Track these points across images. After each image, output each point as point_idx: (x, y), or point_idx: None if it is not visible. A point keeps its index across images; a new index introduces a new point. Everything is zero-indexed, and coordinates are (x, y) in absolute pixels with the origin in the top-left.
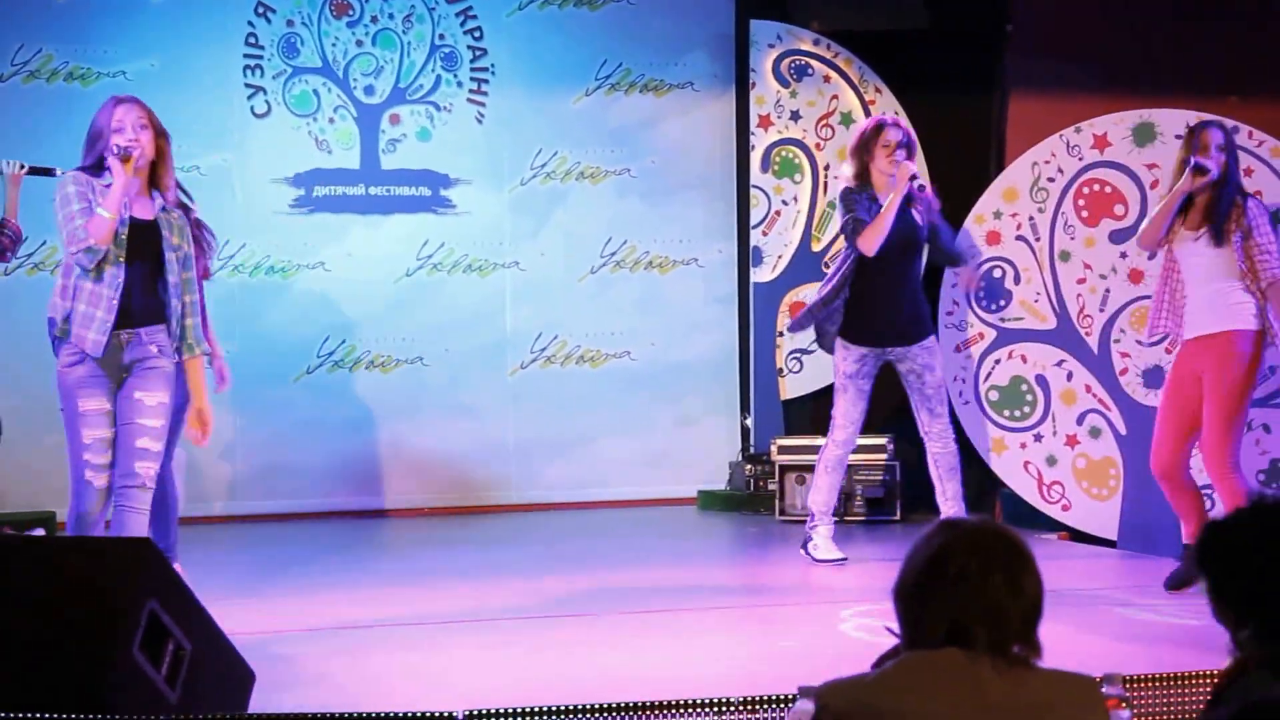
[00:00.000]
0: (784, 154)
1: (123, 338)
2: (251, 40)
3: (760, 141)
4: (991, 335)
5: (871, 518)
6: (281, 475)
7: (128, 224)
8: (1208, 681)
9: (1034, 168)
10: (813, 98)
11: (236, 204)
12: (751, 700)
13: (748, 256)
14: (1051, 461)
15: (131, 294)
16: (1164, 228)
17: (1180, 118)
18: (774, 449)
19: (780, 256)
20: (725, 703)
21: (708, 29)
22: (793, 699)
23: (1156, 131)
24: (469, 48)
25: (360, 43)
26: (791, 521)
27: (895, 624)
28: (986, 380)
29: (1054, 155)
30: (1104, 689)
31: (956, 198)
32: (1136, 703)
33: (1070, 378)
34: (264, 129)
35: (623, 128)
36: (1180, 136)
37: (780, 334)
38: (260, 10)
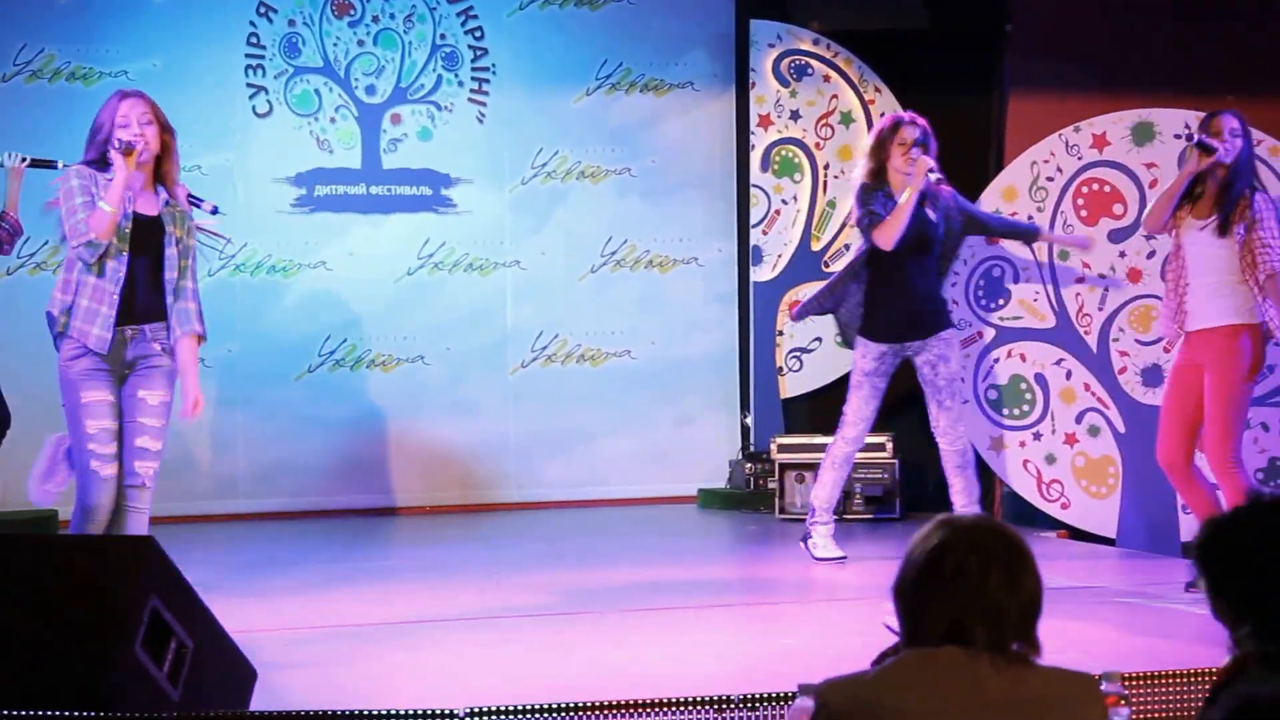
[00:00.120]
0: (784, 153)
1: (126, 334)
2: (253, 40)
3: (760, 141)
4: (990, 334)
5: (871, 515)
6: (283, 473)
7: (131, 218)
8: (1206, 679)
9: (1033, 167)
10: (812, 97)
11: (238, 203)
12: (751, 698)
13: (748, 255)
14: (1050, 460)
15: (135, 289)
16: (1169, 209)
17: (1179, 117)
18: (774, 447)
19: (780, 256)
20: (725, 700)
21: (708, 29)
22: (793, 696)
23: (1155, 131)
24: (470, 47)
25: (361, 42)
26: (791, 520)
27: (895, 621)
28: (985, 379)
29: (1053, 155)
30: (1103, 686)
31: None
32: (1135, 700)
33: (1069, 376)
34: (266, 128)
35: (623, 127)
36: (1179, 136)
37: (780, 332)
38: (262, 10)
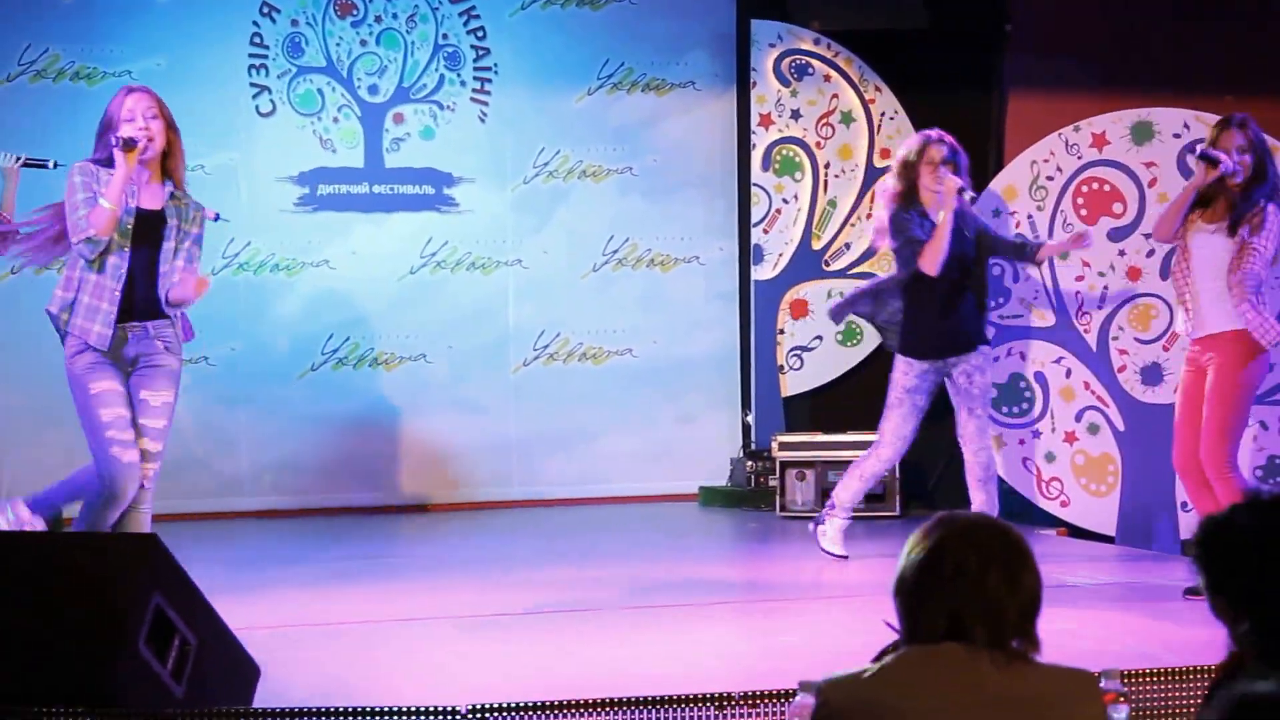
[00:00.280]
0: (785, 152)
1: (128, 331)
2: (256, 40)
3: (761, 140)
4: (990, 333)
5: (871, 513)
6: (285, 471)
7: (133, 214)
8: (1205, 676)
9: (1033, 166)
10: (813, 97)
11: (241, 202)
12: (752, 695)
13: (749, 254)
14: (1050, 458)
15: (135, 284)
16: (1178, 220)
17: (1179, 117)
18: (775, 445)
19: (781, 254)
20: (726, 697)
21: (709, 28)
22: (793, 694)
23: (1155, 130)
24: (472, 47)
25: (364, 42)
26: (792, 518)
27: (894, 619)
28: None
29: (1053, 154)
30: (1102, 684)
31: None
32: (1134, 697)
33: (1069, 375)
34: (269, 128)
35: (624, 126)
36: (1178, 135)
37: (781, 331)
38: (265, 10)
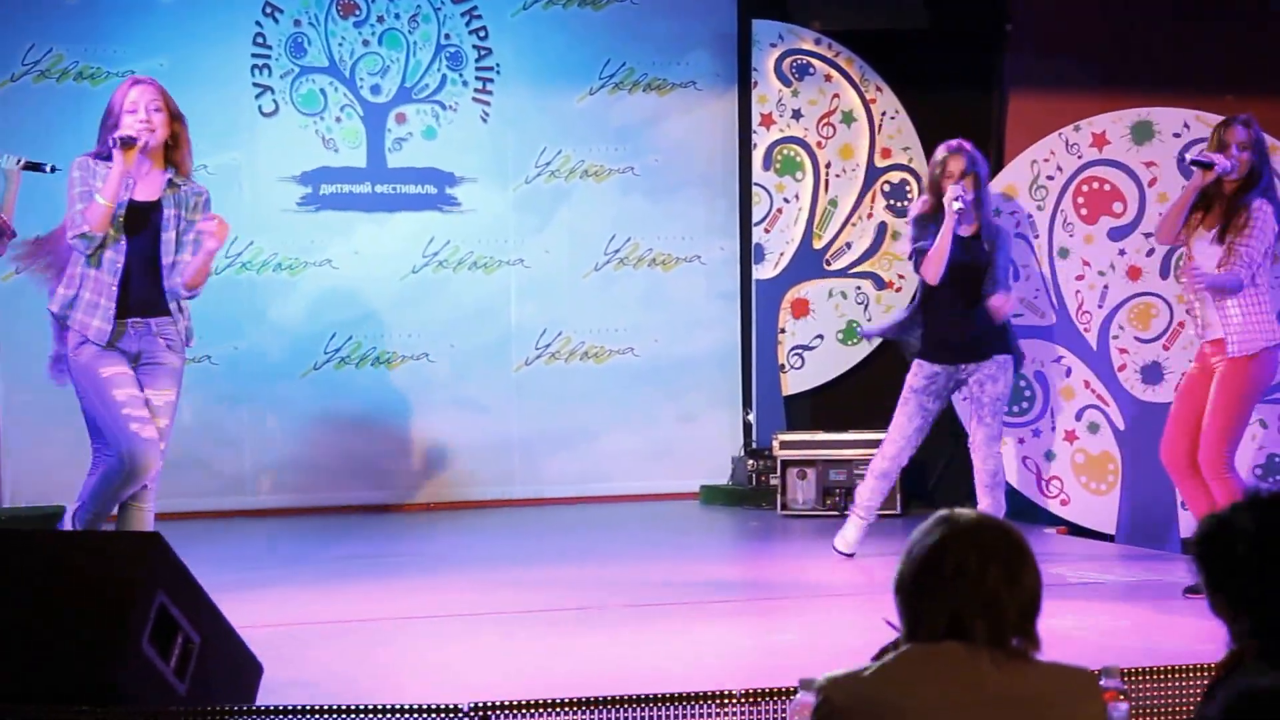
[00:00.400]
0: (786, 152)
1: (129, 326)
2: (259, 40)
3: (762, 140)
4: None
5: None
6: (288, 470)
7: (125, 207)
8: (1205, 674)
9: (1033, 166)
10: (814, 96)
11: (244, 202)
12: (753, 693)
13: (750, 253)
14: (1050, 456)
15: (133, 279)
16: (1179, 223)
17: (1179, 116)
18: (776, 444)
19: (782, 254)
20: (727, 695)
21: (710, 28)
22: (794, 691)
23: (1155, 130)
24: (474, 47)
25: (366, 42)
26: (793, 516)
27: (895, 617)
28: None
29: (1053, 154)
30: (1102, 681)
31: None
32: (1134, 695)
33: (1069, 374)
34: (271, 128)
35: (626, 126)
36: (1178, 135)
37: (782, 330)
38: (268, 10)
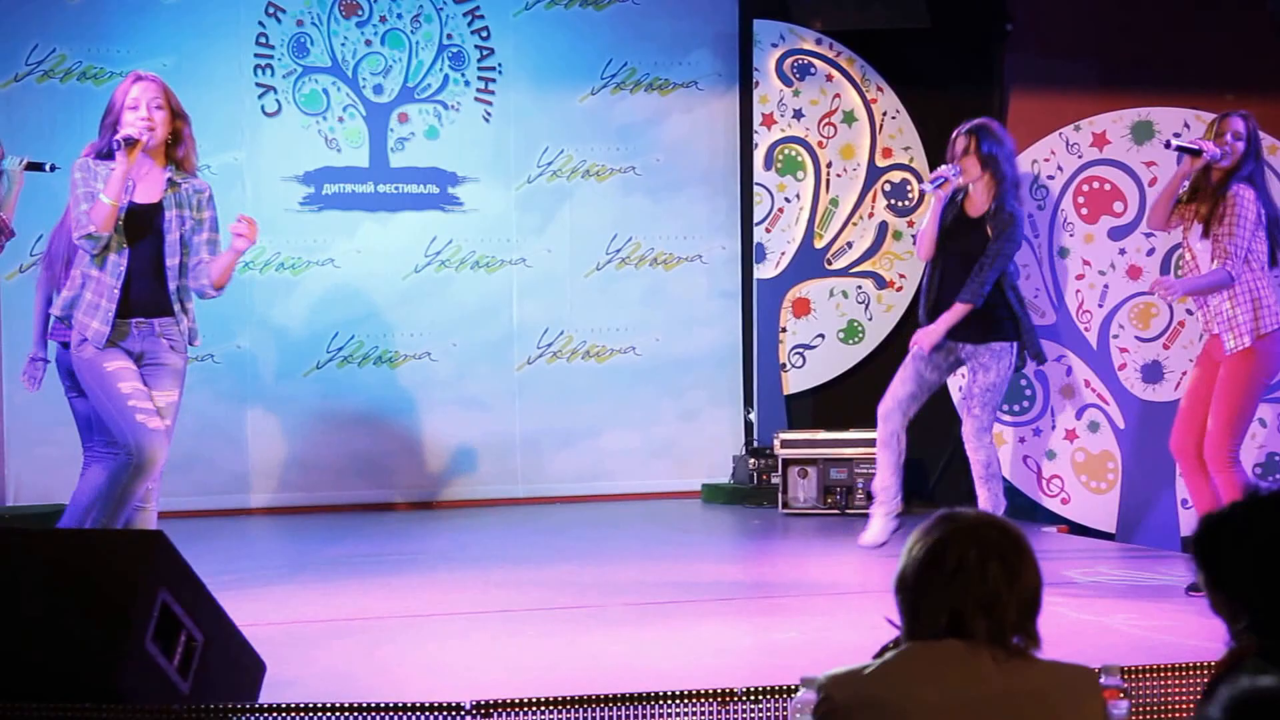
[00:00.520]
0: (787, 152)
1: (132, 326)
2: (262, 40)
3: (763, 139)
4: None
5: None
6: (291, 469)
7: (126, 209)
8: (1205, 673)
9: (1034, 165)
10: (815, 96)
11: (247, 202)
12: (755, 690)
13: (751, 253)
14: (1051, 455)
15: (137, 280)
16: (1167, 209)
17: (1179, 116)
18: (777, 443)
19: (783, 253)
20: (729, 693)
21: (712, 28)
22: (795, 689)
23: (1155, 129)
24: (476, 47)
25: (369, 42)
26: (794, 515)
27: (896, 615)
28: None
29: (1053, 153)
30: (1102, 680)
31: None
32: (1135, 694)
33: (1069, 373)
34: (274, 127)
35: (628, 126)
36: (1179, 135)
37: (783, 329)
38: (270, 10)
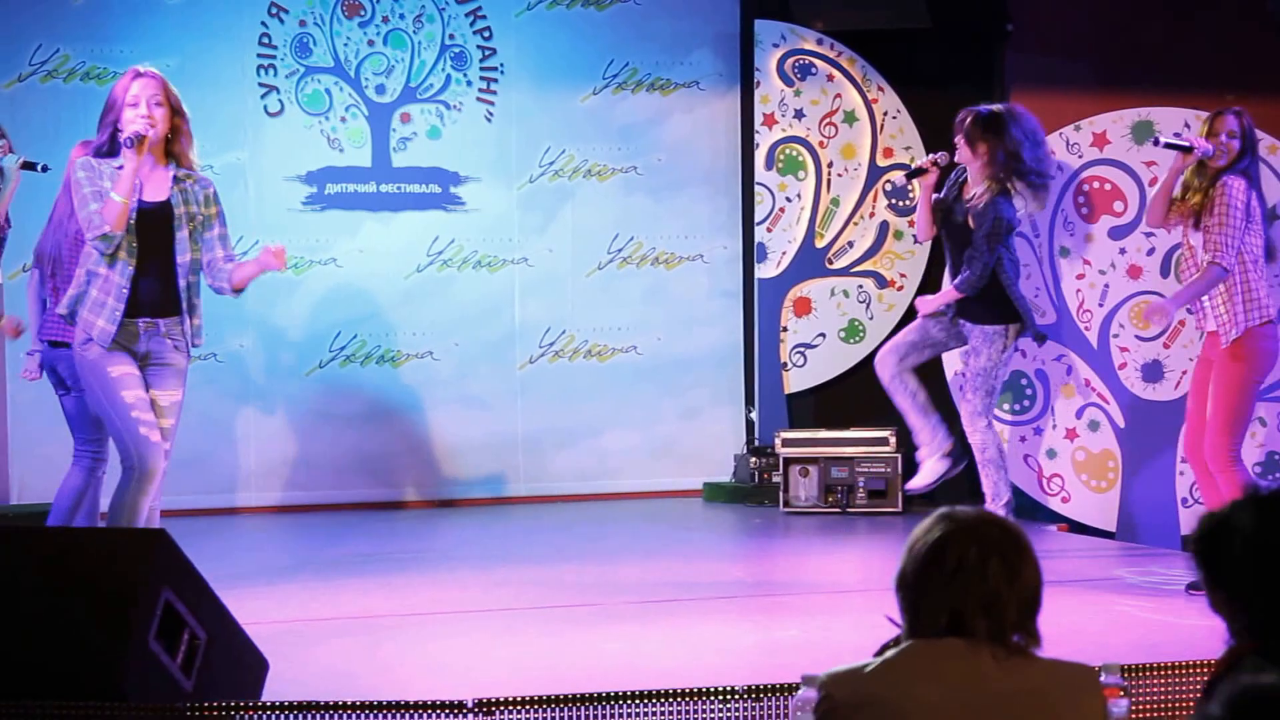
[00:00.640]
0: (788, 152)
1: (140, 326)
2: (265, 40)
3: (765, 139)
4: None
5: (873, 509)
6: (293, 468)
7: (136, 209)
8: (1205, 671)
9: None
10: (816, 96)
11: (250, 201)
12: (755, 689)
13: (752, 252)
14: (1051, 454)
15: (146, 279)
16: (1164, 205)
17: (1179, 116)
18: (778, 442)
19: (784, 253)
20: (730, 691)
21: (713, 29)
22: (796, 688)
23: (1155, 130)
24: (478, 47)
25: (371, 42)
26: (795, 513)
27: (896, 613)
28: None
29: (1053, 153)
30: (1103, 678)
31: None
32: (1135, 692)
33: (1070, 372)
34: (277, 127)
35: (629, 126)
36: (1179, 135)
37: (784, 328)
38: (273, 10)
